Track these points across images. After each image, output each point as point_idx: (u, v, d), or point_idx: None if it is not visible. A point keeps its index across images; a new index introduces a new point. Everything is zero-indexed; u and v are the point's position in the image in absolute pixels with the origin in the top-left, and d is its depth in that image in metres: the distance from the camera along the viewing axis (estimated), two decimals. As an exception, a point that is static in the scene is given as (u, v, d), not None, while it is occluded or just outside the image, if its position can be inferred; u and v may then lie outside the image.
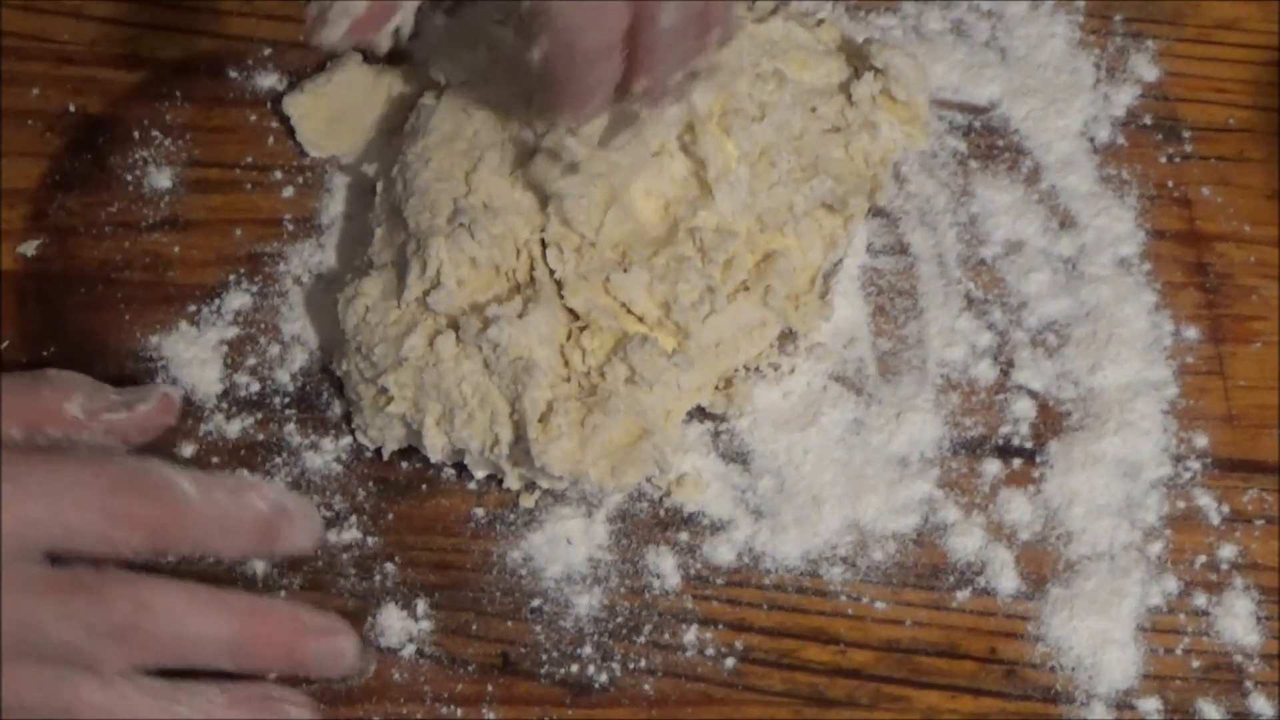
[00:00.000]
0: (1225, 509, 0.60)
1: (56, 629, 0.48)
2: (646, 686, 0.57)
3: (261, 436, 0.61)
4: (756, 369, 0.62)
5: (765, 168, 0.61)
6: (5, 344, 0.62)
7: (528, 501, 0.60)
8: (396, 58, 0.64)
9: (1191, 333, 0.64)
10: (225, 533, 0.51)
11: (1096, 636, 0.58)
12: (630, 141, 0.59)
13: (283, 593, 0.58)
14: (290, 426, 0.61)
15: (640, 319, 0.59)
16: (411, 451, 0.60)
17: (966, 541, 0.60)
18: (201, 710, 0.50)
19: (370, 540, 0.59)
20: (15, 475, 0.49)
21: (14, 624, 0.48)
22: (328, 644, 0.53)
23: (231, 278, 0.64)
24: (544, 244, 0.59)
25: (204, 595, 0.50)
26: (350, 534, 0.59)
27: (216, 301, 0.64)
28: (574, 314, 0.58)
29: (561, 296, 0.58)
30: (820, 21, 0.66)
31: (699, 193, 0.61)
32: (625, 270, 0.58)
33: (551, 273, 0.58)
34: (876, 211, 0.66)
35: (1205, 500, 0.61)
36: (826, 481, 0.60)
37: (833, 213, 0.62)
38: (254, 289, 0.64)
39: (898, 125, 0.65)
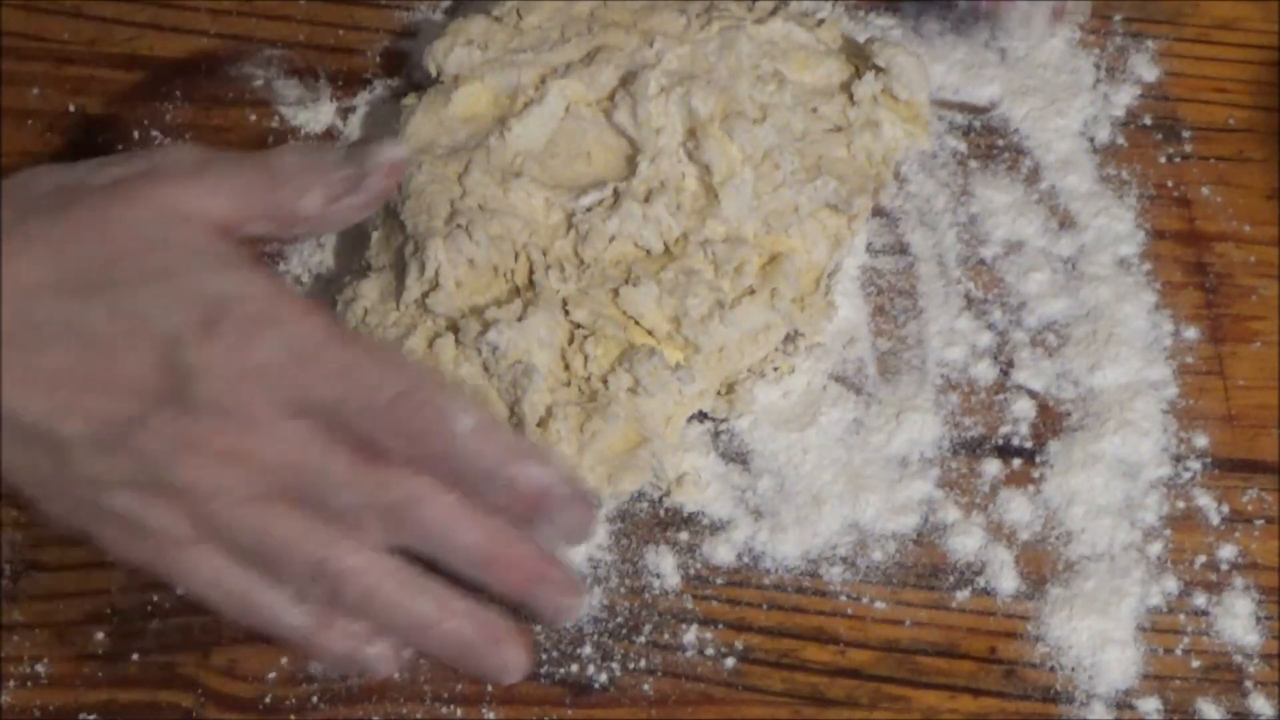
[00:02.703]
0: (1225, 509, 0.60)
1: (337, 490, 0.49)
2: (646, 686, 0.57)
3: (261, 436, 0.61)
4: (761, 373, 0.62)
5: (769, 169, 0.61)
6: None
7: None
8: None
9: (1191, 333, 0.64)
10: (484, 481, 0.50)
11: (1096, 636, 0.58)
12: None
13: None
14: (290, 426, 0.61)
15: (650, 332, 0.59)
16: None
17: (966, 541, 0.60)
18: (436, 607, 0.50)
19: (370, 540, 0.59)
20: (315, 347, 0.49)
21: (302, 469, 0.48)
22: (558, 597, 0.51)
23: (231, 278, 0.64)
24: (545, 255, 0.59)
25: (467, 509, 0.50)
26: (350, 534, 0.59)
27: (216, 301, 0.64)
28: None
29: (566, 312, 0.58)
30: (821, 21, 0.66)
31: (705, 201, 0.61)
32: (634, 285, 0.58)
33: (556, 292, 0.58)
34: (876, 211, 0.66)
35: (1205, 500, 0.61)
36: (826, 481, 0.60)
37: (837, 212, 0.62)
38: (254, 289, 0.64)
39: (899, 124, 0.65)
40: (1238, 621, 0.58)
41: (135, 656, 0.57)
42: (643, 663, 0.57)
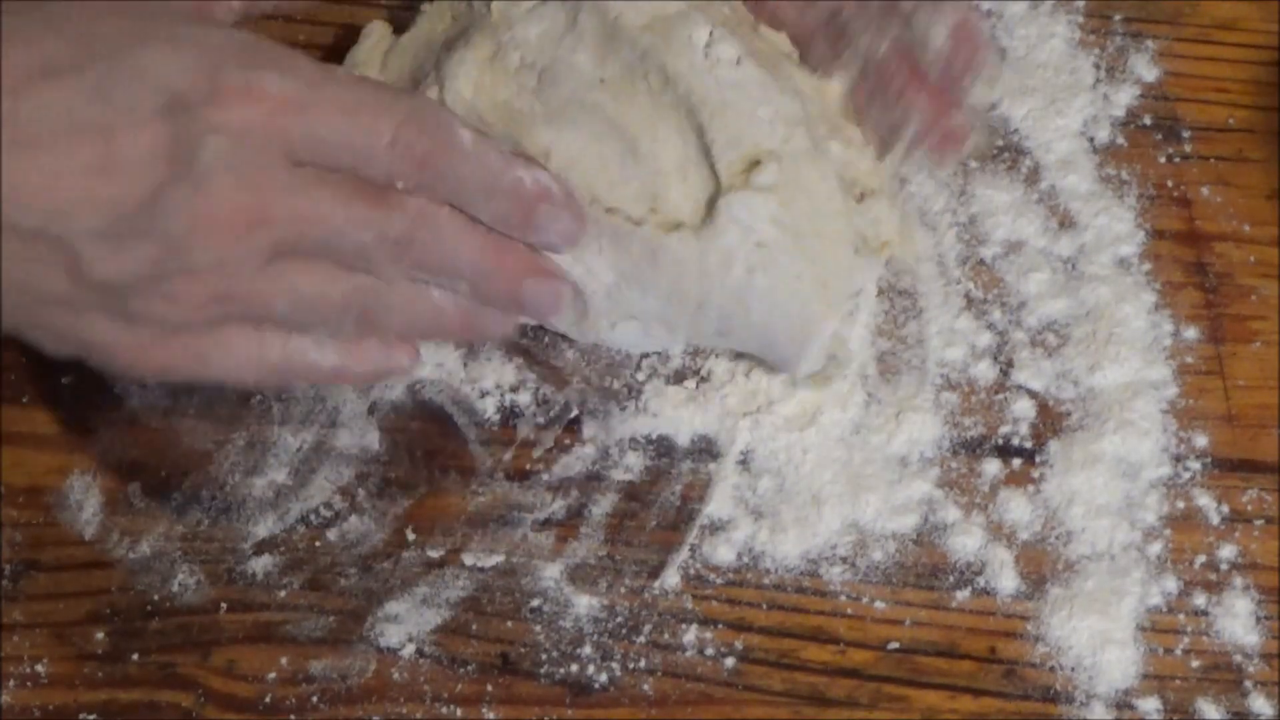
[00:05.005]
0: (1225, 509, 0.60)
1: (349, 232, 0.50)
2: (646, 686, 0.57)
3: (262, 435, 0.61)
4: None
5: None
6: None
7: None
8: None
9: (1191, 333, 0.64)
10: (486, 193, 0.52)
11: (1096, 636, 0.58)
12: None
13: (283, 592, 0.58)
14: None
15: None
16: (410, 451, 0.60)
17: (966, 541, 0.60)
18: (452, 302, 0.53)
19: (370, 539, 0.59)
20: (315, 86, 0.49)
21: (312, 220, 0.49)
22: (549, 286, 0.54)
23: (231, 277, 0.64)
24: None
25: (460, 220, 0.52)
26: (351, 533, 0.59)
27: (216, 301, 0.64)
28: None
29: None
30: None
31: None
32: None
33: None
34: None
35: (1205, 500, 0.61)
36: (826, 481, 0.60)
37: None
38: (254, 289, 0.64)
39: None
40: (1238, 621, 0.58)
41: (135, 656, 0.57)
42: (643, 663, 0.57)
